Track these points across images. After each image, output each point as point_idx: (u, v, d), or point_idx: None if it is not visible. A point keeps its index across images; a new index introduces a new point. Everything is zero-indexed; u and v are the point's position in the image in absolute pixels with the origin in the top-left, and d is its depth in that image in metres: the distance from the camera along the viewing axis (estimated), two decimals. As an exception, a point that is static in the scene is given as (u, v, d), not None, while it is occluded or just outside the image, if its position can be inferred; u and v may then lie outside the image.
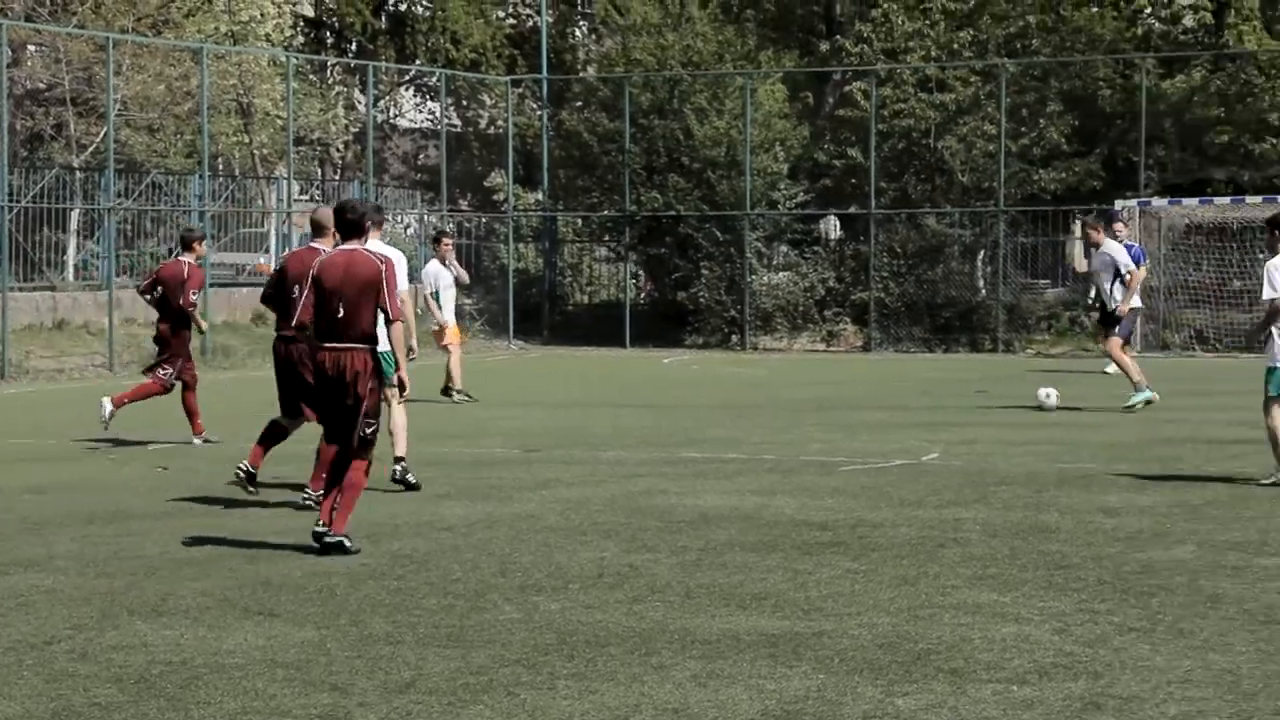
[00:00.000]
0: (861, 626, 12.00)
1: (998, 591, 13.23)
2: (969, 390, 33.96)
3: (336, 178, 56.16)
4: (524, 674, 10.71)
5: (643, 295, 53.06)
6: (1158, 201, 46.31)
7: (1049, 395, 28.11)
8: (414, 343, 17.89)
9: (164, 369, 23.94)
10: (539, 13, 58.72)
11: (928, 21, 52.33)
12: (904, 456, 22.10)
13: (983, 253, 50.77)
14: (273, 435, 18.78)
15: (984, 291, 50.35)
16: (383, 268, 15.07)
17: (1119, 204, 45.48)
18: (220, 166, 48.41)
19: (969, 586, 13.46)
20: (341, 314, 15.04)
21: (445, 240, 27.50)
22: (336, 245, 16.04)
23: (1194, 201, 46.78)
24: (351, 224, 15.43)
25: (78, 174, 44.42)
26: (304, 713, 9.92)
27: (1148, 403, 27.60)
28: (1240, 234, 46.77)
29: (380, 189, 53.27)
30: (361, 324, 15.09)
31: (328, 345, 15.20)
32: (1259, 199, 46.68)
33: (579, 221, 54.17)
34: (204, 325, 25.37)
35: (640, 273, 53.47)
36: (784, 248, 51.96)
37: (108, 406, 23.48)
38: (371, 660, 11.14)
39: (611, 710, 9.86)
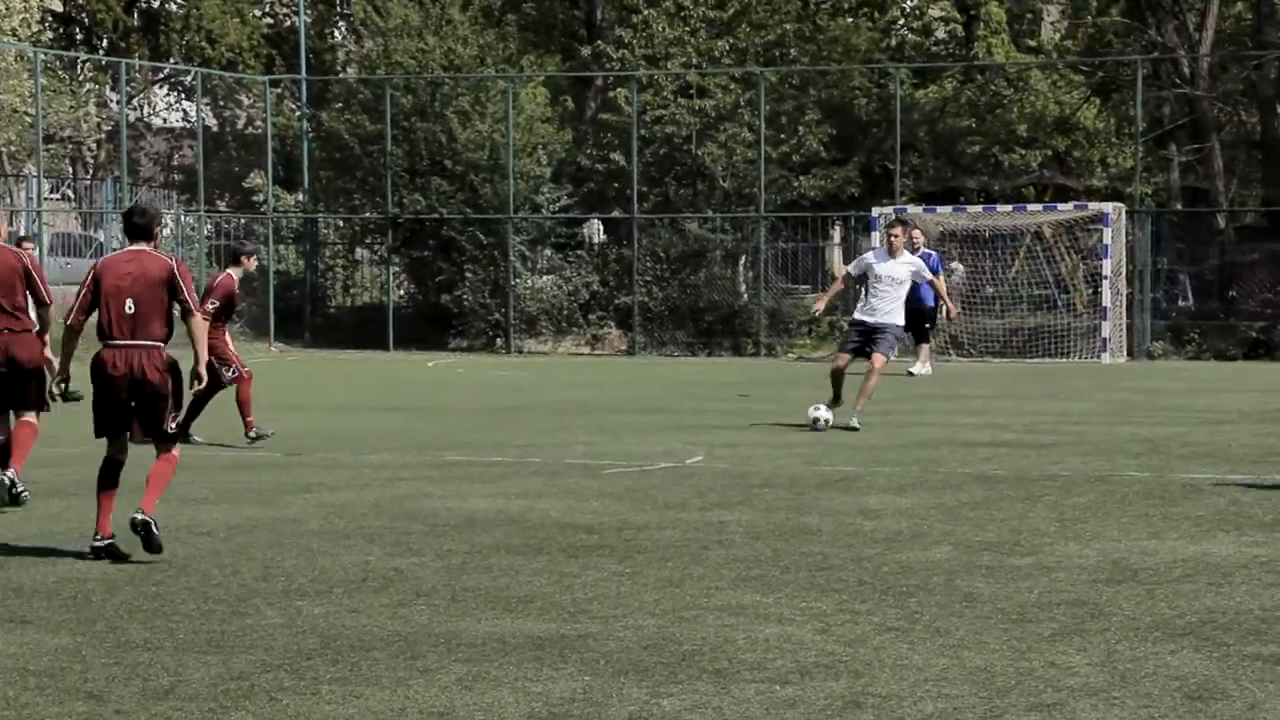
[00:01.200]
0: (627, 629, 12.06)
1: (761, 593, 13.34)
2: (732, 394, 34.22)
3: (88, 177, 55.48)
4: (287, 679, 10.67)
5: (399, 295, 52.98)
6: (913, 209, 46.89)
7: (819, 413, 26.10)
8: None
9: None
10: (297, 13, 58.58)
11: (688, 29, 52.73)
12: (668, 459, 22.22)
13: (744, 258, 51.21)
14: None
15: (746, 296, 50.78)
16: (174, 265, 15.21)
17: (876, 211, 46.19)
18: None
19: (733, 588, 13.56)
20: (132, 312, 15.05)
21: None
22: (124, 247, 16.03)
23: (948, 209, 47.49)
24: (140, 227, 15.39)
25: None
26: (57, 717, 9.85)
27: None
28: (991, 241, 47.58)
29: (134, 188, 52.79)
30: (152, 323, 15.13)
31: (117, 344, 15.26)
32: (1009, 208, 47.56)
33: (341, 223, 53.96)
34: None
35: (404, 275, 53.39)
36: (548, 251, 52.14)
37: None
38: (129, 667, 11.04)
39: (376, 714, 9.85)
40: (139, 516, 14.56)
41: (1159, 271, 48.67)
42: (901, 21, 59.01)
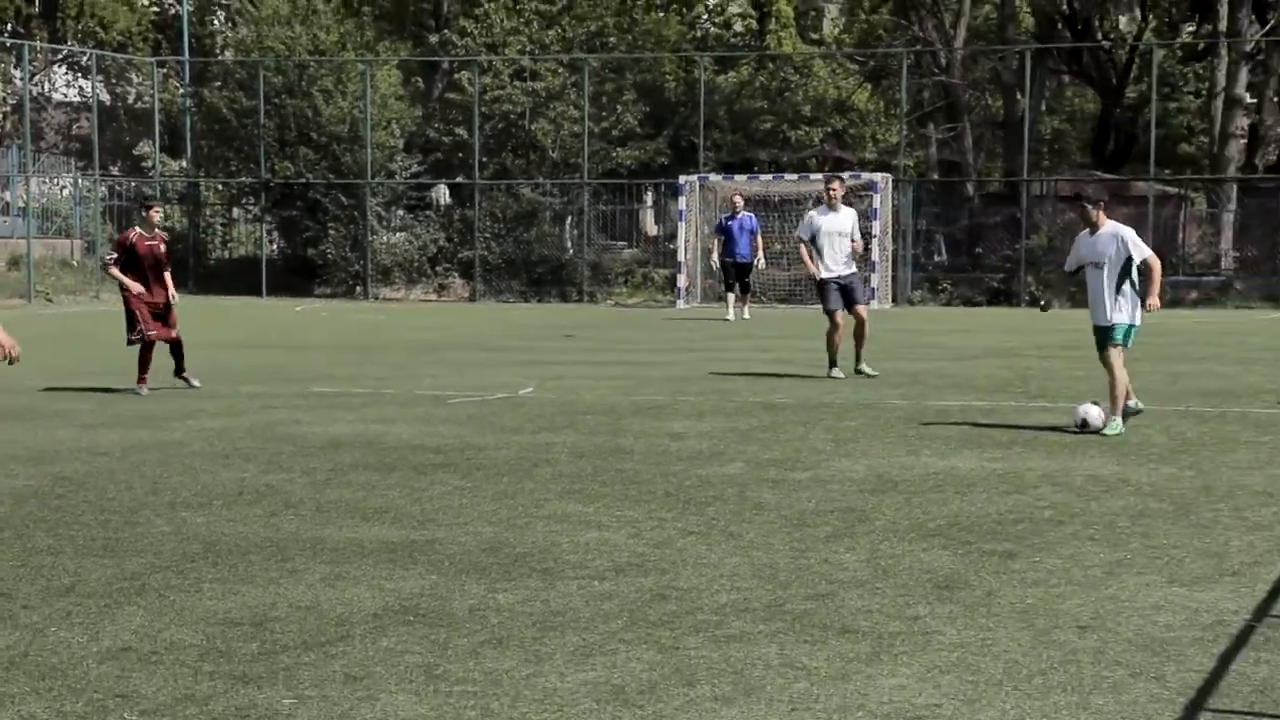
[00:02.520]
0: (468, 534, 12.11)
1: (582, 503, 13.42)
2: (559, 334, 34.20)
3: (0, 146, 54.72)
4: (174, 579, 10.65)
5: (271, 249, 52.62)
6: (714, 177, 47.22)
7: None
8: None
9: None
10: (180, 1, 58.14)
11: (522, 20, 52.72)
12: (504, 390, 22.23)
13: (570, 218, 51.26)
14: None
15: (571, 251, 50.86)
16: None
17: (683, 179, 46.38)
18: None
19: (558, 499, 13.63)
20: None
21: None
22: None
23: (743, 178, 47.65)
24: None
25: None
26: (-16, 612, 9.81)
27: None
28: (780, 205, 47.83)
29: (37, 155, 52.14)
30: None
31: None
32: (795, 176, 47.85)
33: (220, 187, 53.58)
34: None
35: (270, 222, 53.08)
36: (400, 212, 51.95)
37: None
38: (34, 569, 10.99)
39: (251, 609, 9.85)
40: None
41: (918, 231, 49.16)
42: (705, 16, 59.26)
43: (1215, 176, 49.47)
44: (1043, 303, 23.72)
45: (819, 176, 47.91)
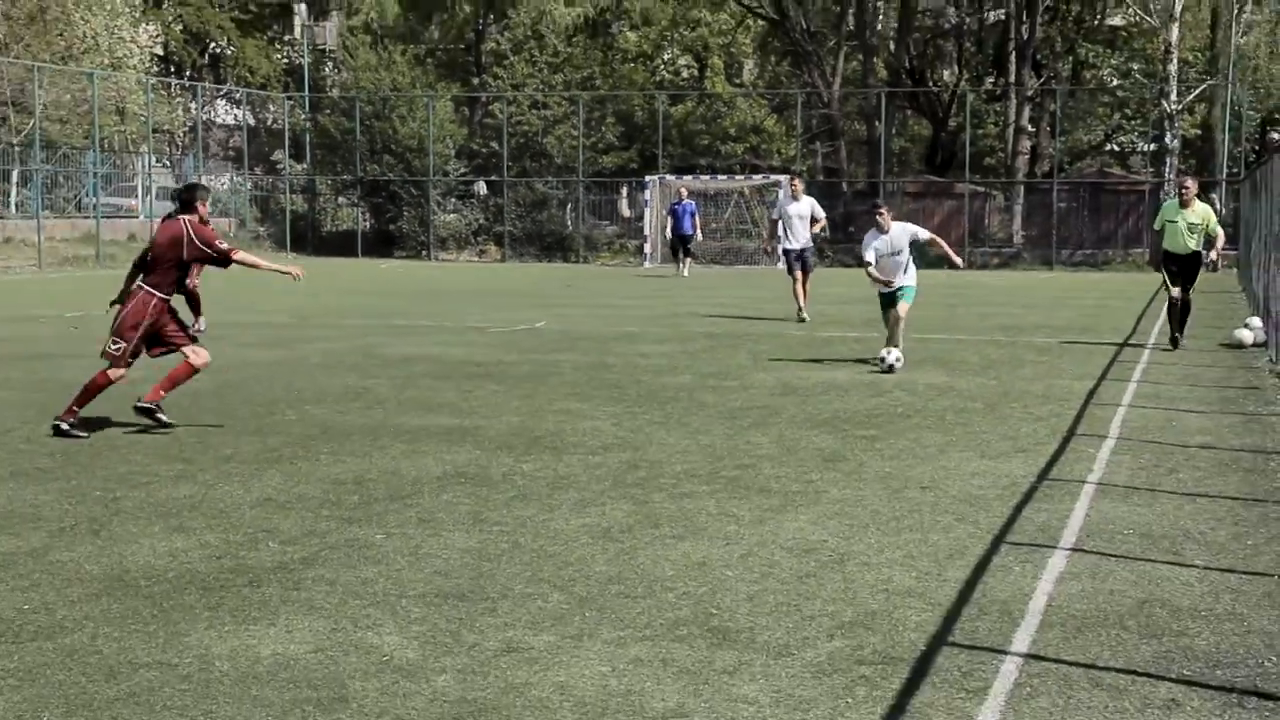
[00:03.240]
0: (501, 423, 12.09)
1: (580, 402, 13.40)
2: (562, 285, 34.14)
3: (178, 154, 54.30)
4: (300, 451, 10.62)
5: (364, 225, 52.33)
6: (669, 177, 46.84)
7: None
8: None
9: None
10: (303, 56, 57.89)
11: (536, 68, 52.42)
12: (525, 323, 22.19)
13: (569, 204, 51.00)
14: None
15: (570, 227, 50.67)
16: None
17: (647, 178, 46.19)
18: (105, 145, 46.60)
19: (564, 399, 13.61)
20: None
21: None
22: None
23: (689, 177, 47.43)
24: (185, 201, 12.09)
25: (16, 148, 42.56)
26: (167, 471, 9.74)
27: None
28: (715, 196, 47.71)
29: (205, 161, 51.80)
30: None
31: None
32: (725, 177, 47.69)
33: (330, 181, 53.27)
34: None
35: (363, 207, 52.79)
36: (453, 199, 51.66)
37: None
38: (206, 444, 10.95)
39: (353, 472, 9.83)
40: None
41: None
42: (662, 66, 59.08)
43: (1009, 180, 49.82)
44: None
45: (741, 177, 48.00)
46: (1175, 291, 18.45)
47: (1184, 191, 18.57)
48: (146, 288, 11.55)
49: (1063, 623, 6.36)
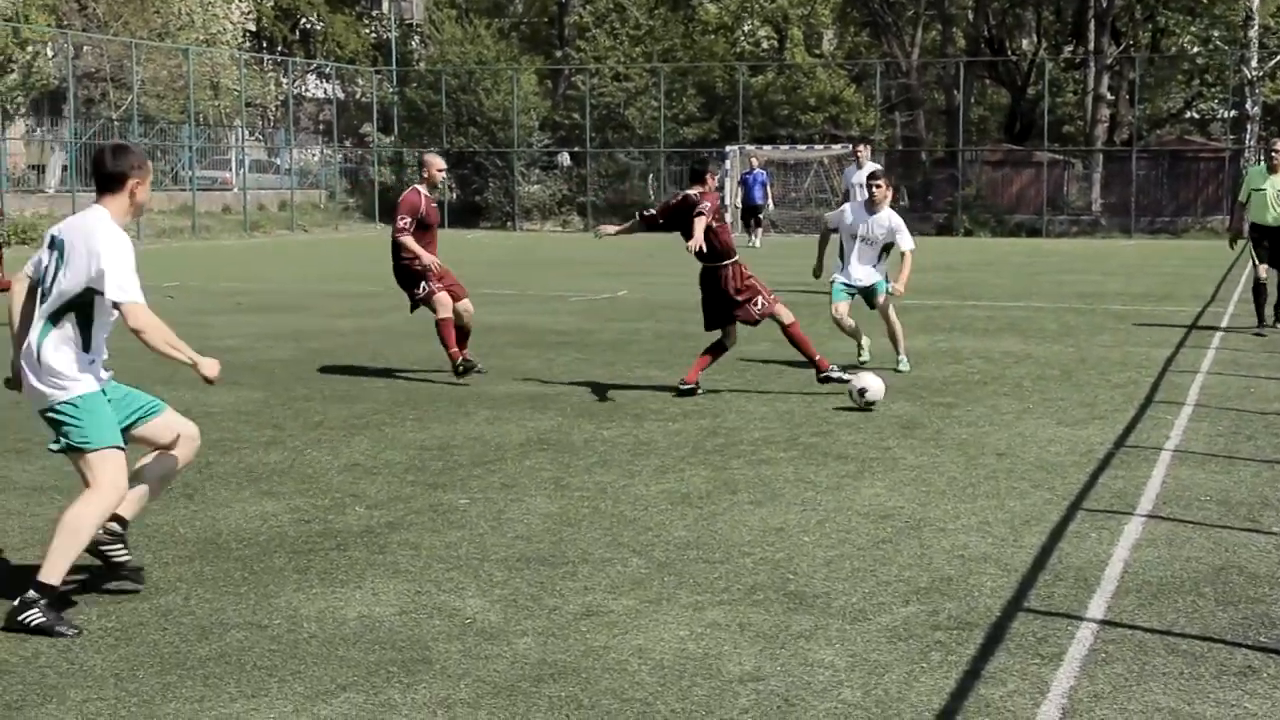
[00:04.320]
0: (583, 389, 12.10)
1: (660, 369, 13.40)
2: (645, 255, 34.11)
3: (270, 127, 54.79)
4: (387, 418, 10.69)
5: (450, 196, 52.53)
6: (749, 146, 46.64)
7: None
8: None
9: None
10: (390, 30, 58.17)
11: (619, 41, 52.34)
12: (607, 292, 22.20)
13: (650, 175, 50.89)
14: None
15: (652, 196, 50.49)
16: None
17: (727, 148, 45.90)
18: (200, 119, 47.06)
19: (644, 367, 13.61)
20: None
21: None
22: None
23: (769, 147, 47.26)
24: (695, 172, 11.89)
25: (115, 121, 43.12)
26: (258, 437, 9.84)
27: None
28: (795, 166, 47.48)
29: (296, 134, 52.20)
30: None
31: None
32: (804, 146, 47.41)
33: (416, 153, 53.48)
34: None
35: (449, 178, 52.93)
36: (537, 171, 51.72)
37: None
38: (296, 410, 11.05)
39: (438, 439, 9.87)
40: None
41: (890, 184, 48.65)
42: (742, 37, 58.68)
43: (1088, 148, 49.13)
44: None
45: (820, 146, 47.67)
46: (1263, 270, 16.43)
47: (1274, 156, 16.46)
48: None
49: (1139, 589, 6.27)
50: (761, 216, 37.72)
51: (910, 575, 6.51)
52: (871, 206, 13.24)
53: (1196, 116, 55.00)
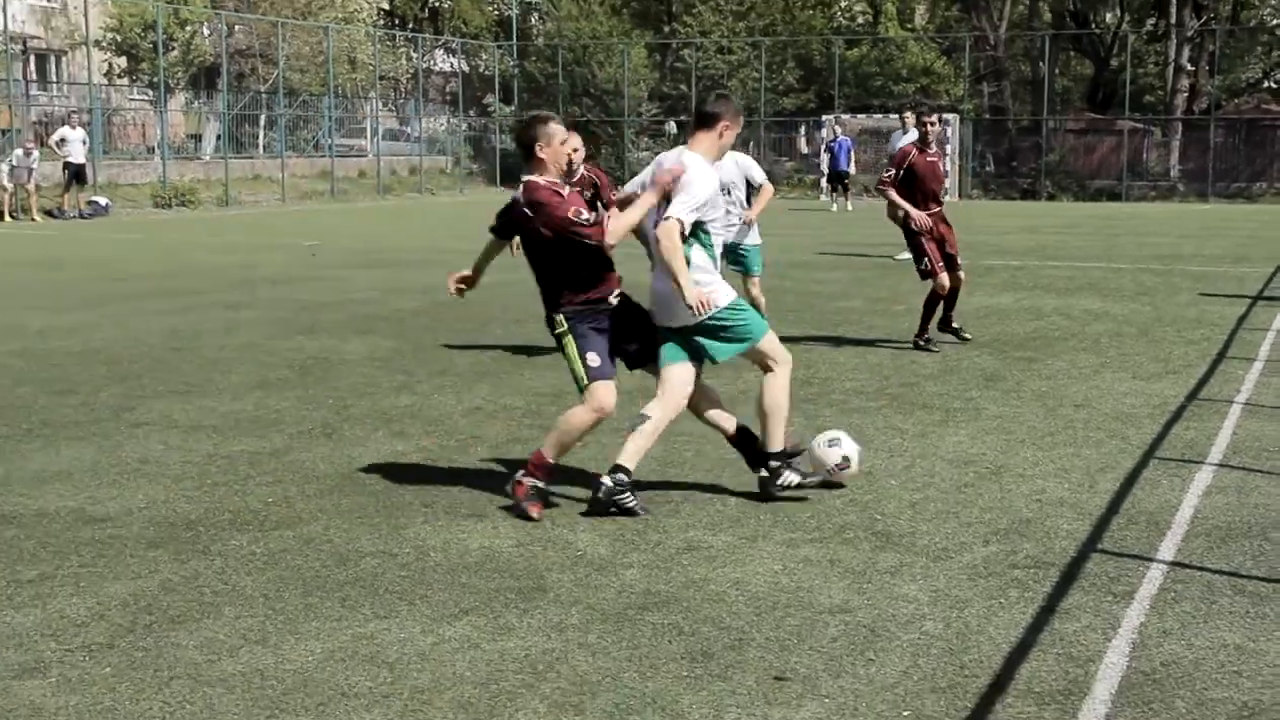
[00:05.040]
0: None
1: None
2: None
3: (402, 99, 55.14)
4: (507, 366, 10.75)
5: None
6: (845, 116, 46.16)
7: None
8: None
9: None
10: (512, 8, 58.29)
11: (722, 16, 52.01)
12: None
13: (751, 142, 50.37)
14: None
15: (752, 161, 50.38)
16: None
17: (824, 117, 45.45)
18: (338, 91, 47.45)
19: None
20: None
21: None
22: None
23: (863, 116, 46.72)
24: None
25: (263, 94, 43.68)
26: (390, 382, 9.96)
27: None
28: (887, 134, 46.83)
29: (425, 104, 52.44)
30: None
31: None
32: (894, 115, 46.74)
33: (534, 123, 53.63)
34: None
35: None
36: (645, 138, 51.63)
37: None
38: (423, 358, 11.16)
39: (552, 386, 9.91)
40: None
41: (976, 152, 47.86)
42: (838, 12, 58.03)
43: (1167, 117, 48.05)
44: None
45: (910, 114, 47.06)
46: None
47: None
48: None
49: (1207, 533, 6.18)
50: (848, 182, 37.37)
51: (990, 517, 6.47)
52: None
53: (1274, 86, 53.51)
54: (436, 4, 62.65)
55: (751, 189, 11.79)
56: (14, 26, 36.62)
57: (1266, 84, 53.31)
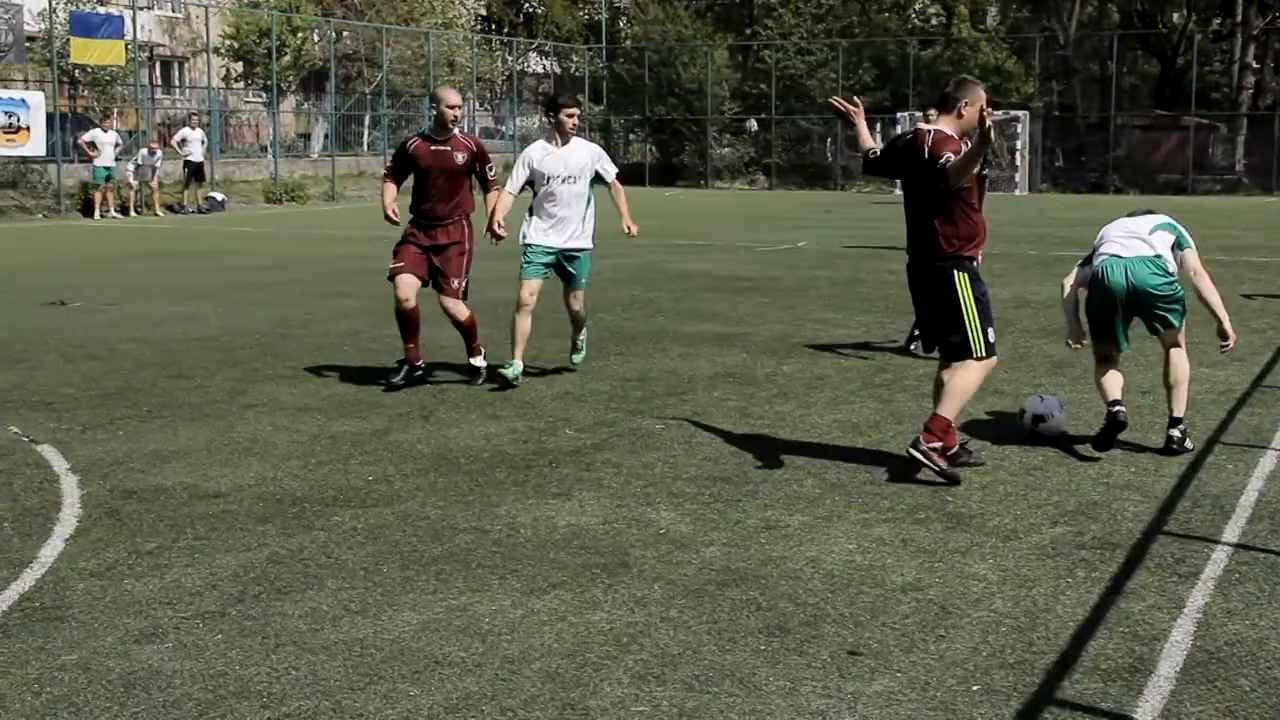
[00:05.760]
0: (765, 330, 12.03)
1: (834, 312, 13.24)
2: (822, 211, 33.71)
3: (498, 99, 55.40)
4: (593, 352, 10.72)
5: (651, 158, 52.37)
6: (917, 113, 45.60)
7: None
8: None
9: None
10: (601, 12, 58.30)
11: (801, 19, 51.62)
12: (787, 243, 22.01)
13: (829, 139, 50.15)
14: None
15: (830, 158, 49.95)
16: None
17: (899, 115, 44.94)
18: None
19: (820, 310, 13.46)
20: None
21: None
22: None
23: (934, 113, 46.18)
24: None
25: (367, 96, 44.08)
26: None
27: None
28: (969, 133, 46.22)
29: (519, 104, 52.60)
30: None
31: None
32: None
33: (623, 120, 53.59)
34: None
35: (650, 142, 52.72)
36: (728, 135, 51.44)
37: None
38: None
39: (637, 370, 9.91)
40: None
41: (1046, 148, 47.17)
42: (913, 14, 57.31)
43: (1233, 113, 47.06)
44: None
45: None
46: None
47: None
48: None
49: (1271, 516, 6.03)
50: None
51: (1058, 500, 6.36)
52: (562, 137, 9.37)
53: (1338, 83, 52.19)
54: (530, 9, 62.85)
55: (603, 183, 9.66)
56: (142, 36, 37.19)
57: (1331, 80, 51.98)
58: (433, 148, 9.16)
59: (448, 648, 4.52)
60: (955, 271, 6.77)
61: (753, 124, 52.13)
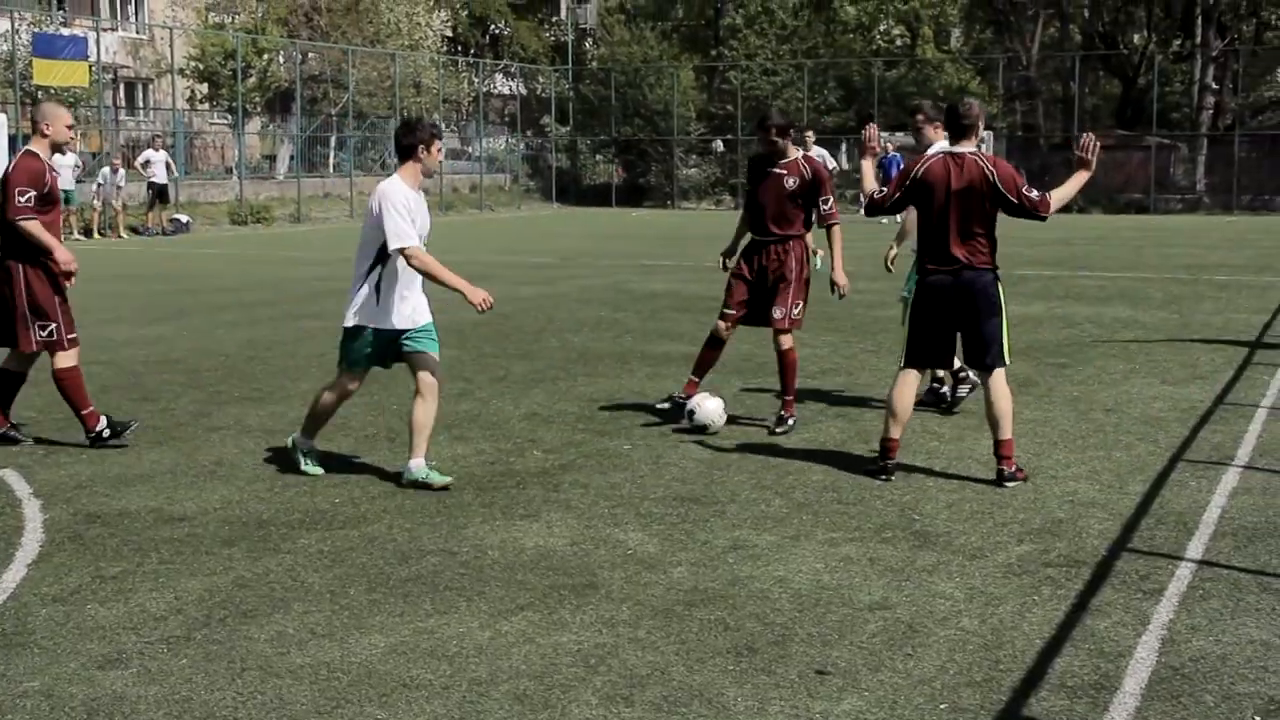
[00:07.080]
0: (733, 350, 11.97)
1: (801, 332, 13.23)
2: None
3: (464, 120, 55.37)
4: (560, 374, 10.74)
5: (617, 178, 52.40)
6: (884, 134, 45.77)
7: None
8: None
9: None
10: (567, 33, 58.42)
11: (766, 40, 51.88)
12: (754, 263, 22.03)
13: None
14: None
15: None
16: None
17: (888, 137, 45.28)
18: (404, 114, 47.65)
19: (804, 331, 13.49)
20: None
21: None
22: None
23: (901, 134, 46.48)
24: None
25: (333, 117, 43.99)
26: (450, 390, 9.94)
27: None
28: (923, 151, 46.45)
29: (485, 125, 52.58)
30: None
31: None
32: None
33: (589, 141, 53.60)
34: None
35: (617, 163, 52.79)
36: (693, 156, 51.57)
37: None
38: (482, 366, 11.15)
39: (605, 391, 9.91)
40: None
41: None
42: (877, 35, 57.67)
43: (1193, 133, 47.54)
44: None
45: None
46: None
47: None
48: None
49: (1234, 533, 6.07)
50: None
51: (1024, 518, 6.39)
52: (426, 173, 7.77)
53: (1297, 103, 52.80)
54: (496, 30, 62.94)
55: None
56: (106, 57, 37.01)
57: (1289, 101, 52.61)
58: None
59: (415, 670, 4.50)
60: (997, 281, 7.16)
61: (719, 144, 52.30)
